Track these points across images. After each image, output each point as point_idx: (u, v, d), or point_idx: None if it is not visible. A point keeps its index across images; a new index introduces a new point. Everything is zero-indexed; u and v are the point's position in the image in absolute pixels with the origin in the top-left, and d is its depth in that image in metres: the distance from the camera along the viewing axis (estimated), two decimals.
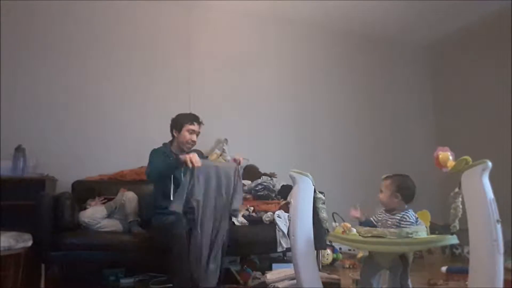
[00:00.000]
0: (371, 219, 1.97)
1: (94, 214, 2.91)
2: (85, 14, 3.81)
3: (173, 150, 2.90)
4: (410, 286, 1.84)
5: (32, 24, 3.63)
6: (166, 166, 2.64)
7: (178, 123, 2.90)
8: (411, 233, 1.68)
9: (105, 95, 3.79)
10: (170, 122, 2.96)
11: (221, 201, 2.68)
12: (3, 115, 3.36)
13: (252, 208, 3.21)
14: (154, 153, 2.81)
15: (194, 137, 2.90)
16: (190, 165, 2.52)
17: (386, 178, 1.97)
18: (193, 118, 2.91)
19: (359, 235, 1.80)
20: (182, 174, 2.64)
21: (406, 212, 1.85)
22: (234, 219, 3.06)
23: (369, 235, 1.74)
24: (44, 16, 3.68)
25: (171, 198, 2.67)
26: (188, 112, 3.03)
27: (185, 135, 2.86)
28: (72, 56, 3.73)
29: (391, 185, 1.92)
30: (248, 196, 3.39)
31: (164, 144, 2.95)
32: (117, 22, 3.93)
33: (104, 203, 3.04)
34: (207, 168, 2.65)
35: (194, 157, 2.54)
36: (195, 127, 2.90)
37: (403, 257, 1.81)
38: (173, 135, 2.93)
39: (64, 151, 3.52)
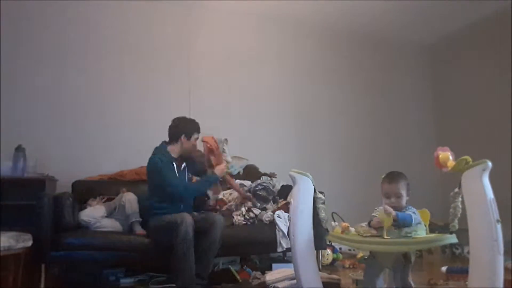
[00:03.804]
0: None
1: (93, 213, 2.92)
2: (85, 15, 3.81)
3: (172, 154, 2.84)
4: (413, 285, 1.84)
5: (32, 25, 3.63)
6: (205, 185, 2.92)
7: (189, 130, 2.87)
8: (410, 233, 1.68)
9: (105, 95, 3.79)
10: (177, 124, 2.88)
11: None
12: (3, 115, 3.36)
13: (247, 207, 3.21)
14: (163, 163, 2.73)
15: (197, 146, 2.99)
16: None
17: (397, 179, 1.88)
18: (199, 129, 2.94)
19: (359, 235, 1.80)
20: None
21: (409, 207, 1.83)
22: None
23: (369, 234, 1.74)
24: (44, 17, 3.68)
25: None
26: (188, 112, 3.06)
27: (193, 144, 2.91)
28: (72, 56, 3.73)
29: (404, 186, 1.86)
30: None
31: (158, 148, 2.85)
32: (116, 23, 3.93)
33: (105, 203, 3.05)
34: None
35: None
36: (199, 135, 2.95)
37: (405, 256, 1.81)
38: (178, 140, 2.85)
39: (64, 151, 3.52)
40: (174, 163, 2.82)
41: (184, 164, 2.95)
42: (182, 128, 2.86)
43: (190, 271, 2.42)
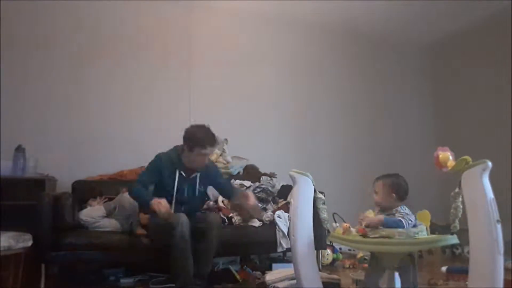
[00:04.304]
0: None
1: (93, 212, 2.92)
2: (86, 15, 3.81)
3: (183, 160, 2.67)
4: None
5: (32, 24, 3.63)
6: (141, 201, 2.63)
7: (191, 142, 2.57)
8: (417, 233, 1.69)
9: (105, 95, 3.79)
10: (186, 131, 2.63)
11: None
12: (3, 115, 3.36)
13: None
14: (154, 164, 2.67)
15: (204, 160, 2.63)
16: (162, 213, 2.42)
17: (379, 179, 1.97)
18: (207, 142, 2.56)
19: (365, 236, 1.79)
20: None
21: (401, 207, 1.86)
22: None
23: (377, 235, 1.74)
24: (44, 16, 3.68)
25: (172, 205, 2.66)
26: (188, 112, 3.01)
27: (195, 159, 2.60)
28: (72, 56, 3.72)
29: (385, 185, 1.92)
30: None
31: (176, 148, 2.71)
32: (117, 22, 3.93)
33: (105, 203, 3.05)
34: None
35: (164, 207, 2.43)
36: (207, 151, 2.59)
37: (411, 257, 1.81)
38: (183, 147, 2.64)
39: (64, 151, 3.52)
40: (178, 169, 2.66)
41: (196, 174, 2.73)
42: (187, 136, 2.61)
43: (189, 271, 2.41)
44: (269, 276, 2.59)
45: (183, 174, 2.69)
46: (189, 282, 2.40)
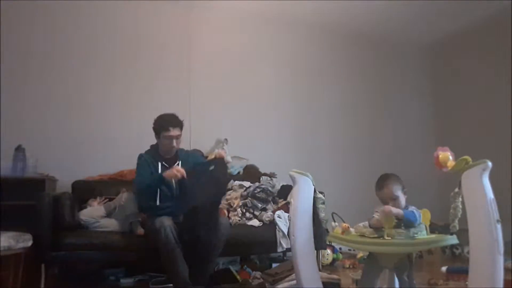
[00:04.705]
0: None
1: (93, 213, 2.92)
2: (85, 15, 3.81)
3: (161, 153, 2.79)
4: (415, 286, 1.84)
5: (32, 24, 3.63)
6: (152, 181, 2.62)
7: (156, 129, 2.71)
8: (417, 233, 1.69)
9: (105, 95, 3.79)
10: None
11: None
12: (3, 115, 3.36)
13: None
14: (141, 160, 2.74)
15: (173, 143, 2.69)
16: (179, 177, 2.49)
17: (388, 182, 1.92)
18: (169, 124, 2.66)
19: (363, 236, 1.79)
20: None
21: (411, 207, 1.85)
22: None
23: (375, 235, 1.73)
24: (44, 16, 3.68)
25: (157, 203, 2.67)
26: (188, 112, 3.01)
27: (164, 142, 2.70)
28: (72, 56, 3.72)
29: (399, 187, 1.90)
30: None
31: (152, 146, 2.84)
32: (117, 22, 3.93)
33: (105, 203, 3.05)
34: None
35: (180, 170, 2.49)
36: (172, 132, 2.66)
37: (409, 257, 1.81)
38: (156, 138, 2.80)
39: (64, 151, 3.52)
40: (160, 162, 2.74)
41: (178, 162, 2.79)
42: (153, 125, 2.74)
43: (182, 274, 2.38)
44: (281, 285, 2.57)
45: (166, 165, 2.75)
46: (183, 285, 2.37)
